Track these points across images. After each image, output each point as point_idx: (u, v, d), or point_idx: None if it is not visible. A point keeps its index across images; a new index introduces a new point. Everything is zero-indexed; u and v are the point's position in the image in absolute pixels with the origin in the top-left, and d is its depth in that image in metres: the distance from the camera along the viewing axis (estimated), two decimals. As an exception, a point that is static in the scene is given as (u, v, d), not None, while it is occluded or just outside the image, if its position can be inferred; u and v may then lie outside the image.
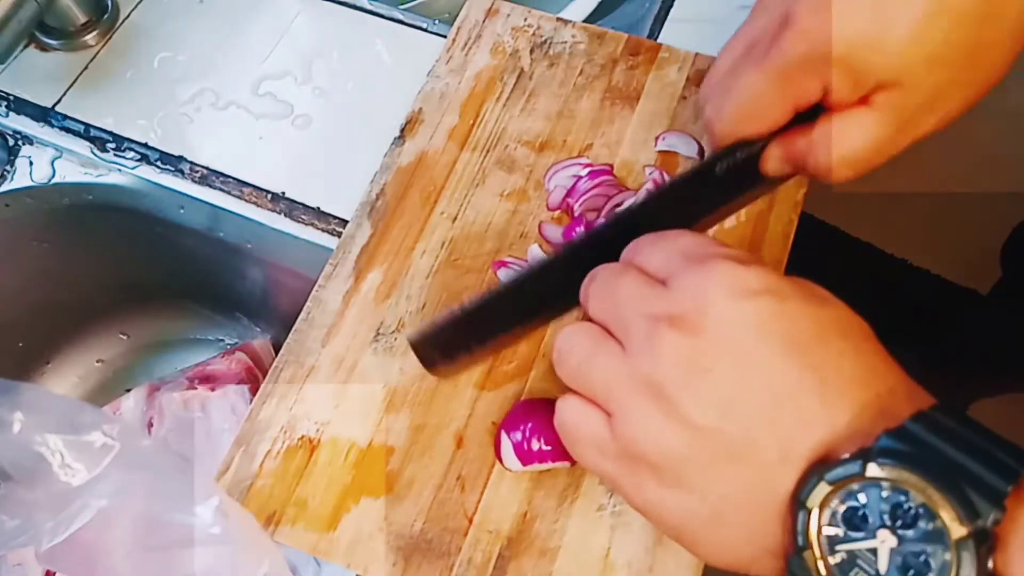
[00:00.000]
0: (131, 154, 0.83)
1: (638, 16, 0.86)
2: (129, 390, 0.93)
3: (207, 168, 0.82)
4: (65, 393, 1.01)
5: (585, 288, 0.53)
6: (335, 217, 0.79)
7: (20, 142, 0.86)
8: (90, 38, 0.89)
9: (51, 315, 0.99)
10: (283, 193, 0.80)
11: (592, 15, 0.87)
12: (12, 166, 0.85)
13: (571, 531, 0.62)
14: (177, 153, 0.83)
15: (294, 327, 0.70)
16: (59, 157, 0.85)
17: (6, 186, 0.84)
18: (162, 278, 0.99)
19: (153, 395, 0.91)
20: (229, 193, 0.81)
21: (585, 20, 0.86)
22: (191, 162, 0.82)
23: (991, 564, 0.39)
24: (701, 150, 0.74)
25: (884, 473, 0.40)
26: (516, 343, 0.67)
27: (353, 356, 0.69)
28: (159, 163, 0.83)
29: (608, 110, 0.77)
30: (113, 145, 0.83)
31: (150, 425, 0.90)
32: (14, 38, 0.80)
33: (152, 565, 0.65)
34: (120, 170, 0.83)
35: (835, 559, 0.42)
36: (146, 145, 0.83)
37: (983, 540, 0.39)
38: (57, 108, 0.85)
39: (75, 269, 0.96)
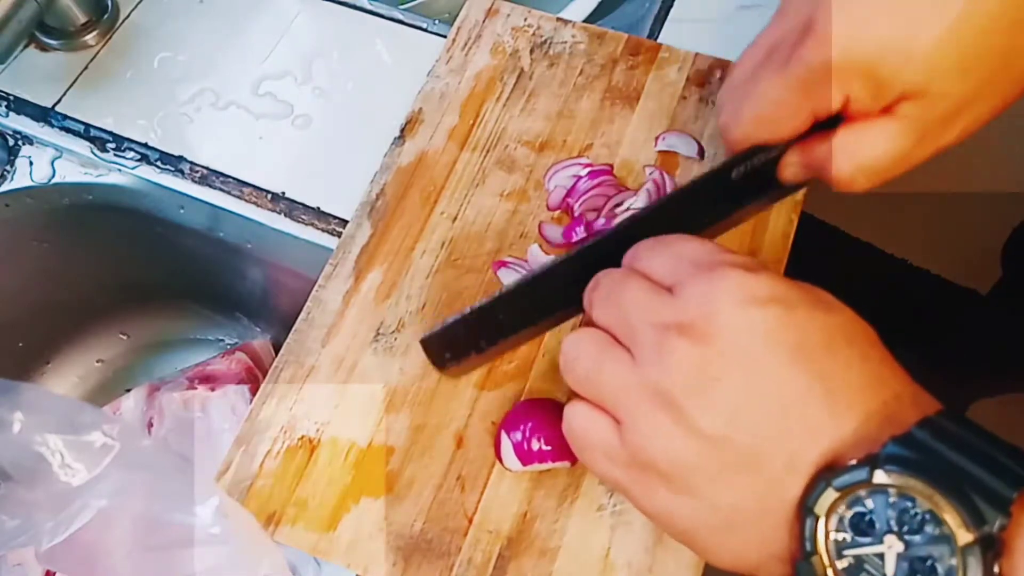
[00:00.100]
0: (131, 154, 0.83)
1: (638, 16, 0.86)
2: (129, 390, 0.93)
3: (207, 168, 0.82)
4: (65, 393, 1.01)
5: (589, 294, 0.53)
6: (335, 217, 0.79)
7: (20, 142, 0.86)
8: (90, 38, 0.89)
9: (51, 315, 0.99)
10: (283, 193, 0.80)
11: (592, 15, 0.87)
12: (12, 166, 0.85)
13: (571, 531, 0.62)
14: (177, 153, 0.83)
15: (294, 327, 0.70)
16: (59, 157, 0.85)
17: (6, 186, 0.84)
18: (162, 278, 0.99)
19: (153, 395, 0.91)
20: (229, 193, 0.81)
21: (585, 20, 0.86)
22: (191, 162, 0.82)
23: (997, 569, 0.39)
24: (701, 150, 0.74)
25: (891, 480, 0.41)
26: (525, 343, 0.67)
27: (353, 356, 0.69)
28: (159, 163, 0.83)
29: (608, 110, 0.77)
30: (113, 145, 0.83)
31: (150, 425, 0.90)
32: (14, 38, 0.80)
33: (152, 565, 0.66)
34: (120, 170, 0.83)
35: (842, 564, 0.42)
36: (146, 145, 0.83)
37: (989, 546, 0.39)
38: (57, 108, 0.85)
39: (75, 269, 0.96)
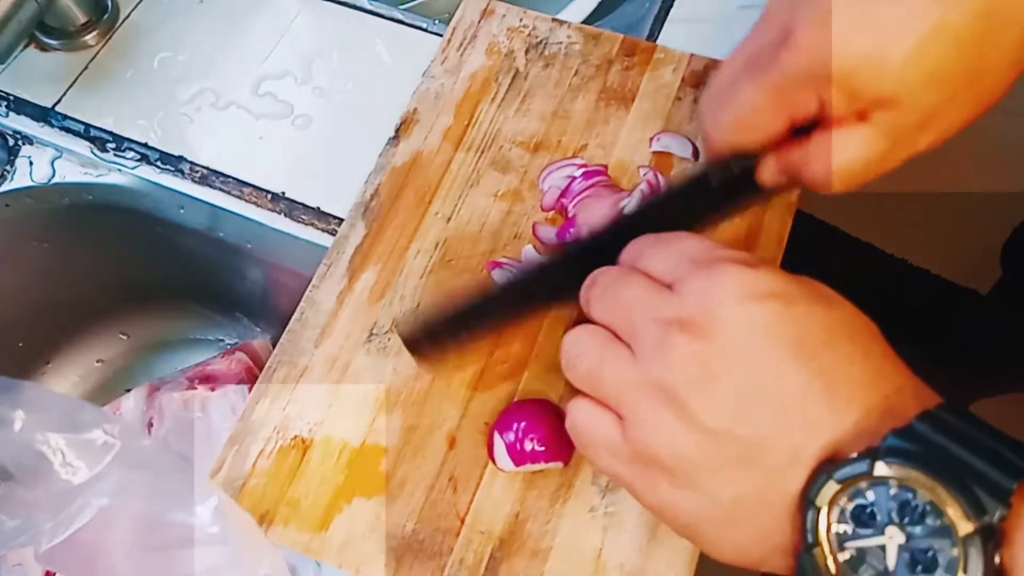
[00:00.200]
0: (131, 154, 0.83)
1: (638, 16, 0.86)
2: (129, 390, 0.93)
3: (207, 168, 0.82)
4: (65, 393, 1.01)
5: (586, 291, 0.54)
6: (335, 217, 0.79)
7: (20, 142, 0.86)
8: (90, 38, 0.89)
9: (51, 315, 0.99)
10: (283, 193, 0.81)
11: (592, 15, 0.87)
12: (12, 166, 0.85)
13: (563, 532, 0.62)
14: (177, 153, 0.83)
15: (288, 327, 0.70)
16: (59, 157, 0.86)
17: (6, 186, 0.85)
18: (162, 278, 1.00)
19: (153, 395, 0.92)
20: (229, 193, 0.81)
21: (584, 20, 0.86)
22: (191, 162, 0.83)
23: (998, 559, 0.39)
24: (696, 151, 0.74)
25: (891, 472, 0.41)
26: (504, 333, 0.67)
27: (346, 356, 0.69)
28: (159, 163, 0.83)
29: (603, 111, 0.77)
30: (113, 145, 0.84)
31: (150, 425, 0.90)
32: (14, 38, 0.81)
33: (152, 565, 0.66)
34: (120, 170, 0.84)
35: (844, 556, 0.42)
36: (146, 145, 0.84)
37: (990, 536, 0.39)
38: (57, 108, 0.86)
39: (75, 269, 0.96)
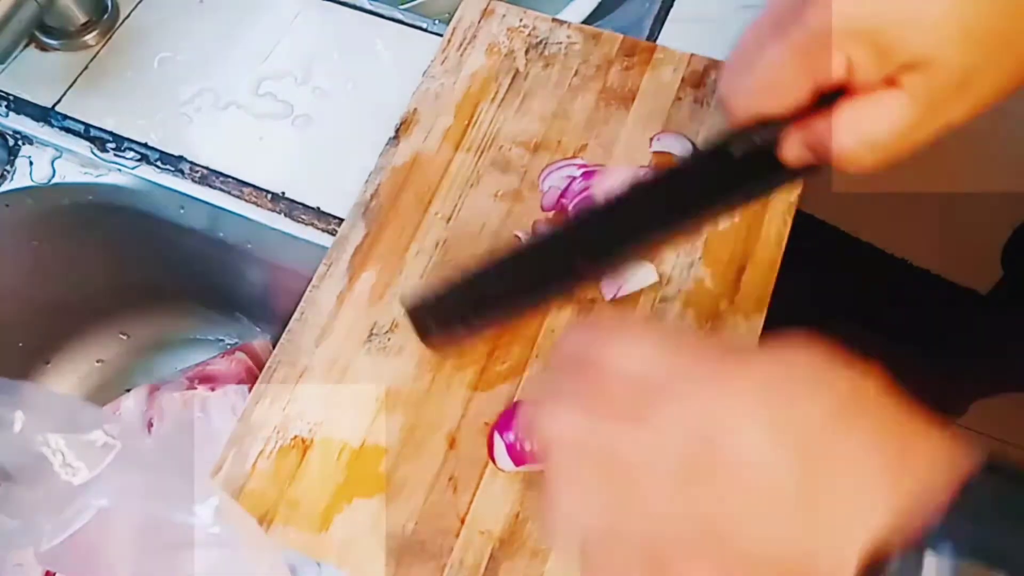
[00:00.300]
0: (131, 154, 0.83)
1: (638, 16, 0.86)
2: (129, 390, 0.93)
3: (207, 168, 0.82)
4: (65, 393, 1.01)
5: (541, 417, 0.48)
6: (335, 217, 0.79)
7: (20, 142, 0.86)
8: (90, 38, 0.89)
9: (51, 315, 0.99)
10: (283, 193, 0.81)
11: (591, 15, 0.87)
12: (12, 166, 0.85)
13: (563, 533, 0.62)
14: (177, 153, 0.83)
15: (287, 327, 0.70)
16: (59, 157, 0.86)
17: (6, 186, 0.85)
18: (162, 278, 1.00)
19: (153, 395, 0.92)
20: (229, 193, 0.81)
21: (584, 20, 0.86)
22: (191, 162, 0.83)
23: None
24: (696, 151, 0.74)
25: (942, 569, 0.38)
26: (514, 321, 0.66)
27: (346, 356, 0.69)
28: (159, 163, 0.83)
29: (603, 111, 0.77)
30: (113, 145, 0.84)
31: (150, 425, 0.90)
32: (14, 38, 0.81)
33: (152, 565, 0.66)
34: (120, 170, 0.84)
35: None
36: (146, 145, 0.84)
37: None
38: (57, 108, 0.86)
39: (75, 269, 0.96)
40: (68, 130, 0.85)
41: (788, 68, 0.51)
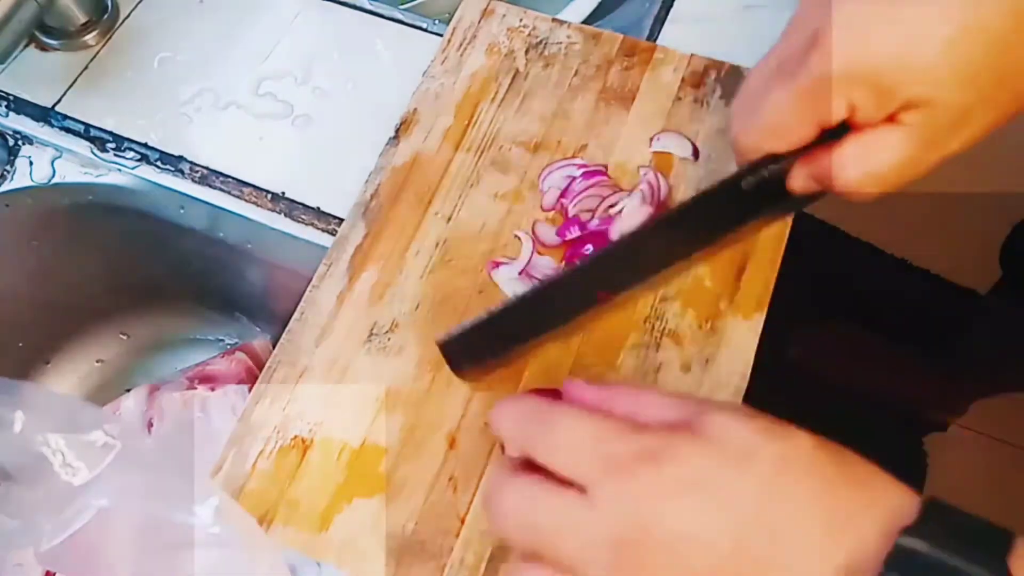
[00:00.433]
0: (131, 154, 0.83)
1: (638, 16, 0.86)
2: (129, 390, 0.93)
3: (207, 168, 0.82)
4: (65, 393, 1.01)
5: (493, 502, 0.49)
6: (335, 217, 0.79)
7: (20, 142, 0.86)
8: (90, 38, 0.89)
9: (51, 315, 0.99)
10: (283, 193, 0.80)
11: (591, 15, 0.87)
12: (12, 166, 0.85)
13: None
14: (177, 153, 0.83)
15: (287, 327, 0.70)
16: (59, 157, 0.86)
17: (6, 186, 0.85)
18: (162, 278, 1.00)
19: (153, 395, 0.92)
20: (229, 193, 0.81)
21: (585, 20, 0.86)
22: (191, 162, 0.83)
23: None
24: (695, 151, 0.74)
25: None
26: (543, 344, 0.67)
27: (346, 356, 0.69)
28: (159, 163, 0.83)
29: (603, 111, 0.77)
30: (113, 145, 0.84)
31: (150, 425, 0.90)
32: (14, 38, 0.81)
33: (152, 565, 0.66)
34: (120, 170, 0.84)
35: None
36: (146, 145, 0.84)
37: None
38: (57, 108, 0.86)
39: (75, 269, 0.96)
40: (68, 130, 0.85)
41: (794, 111, 0.54)
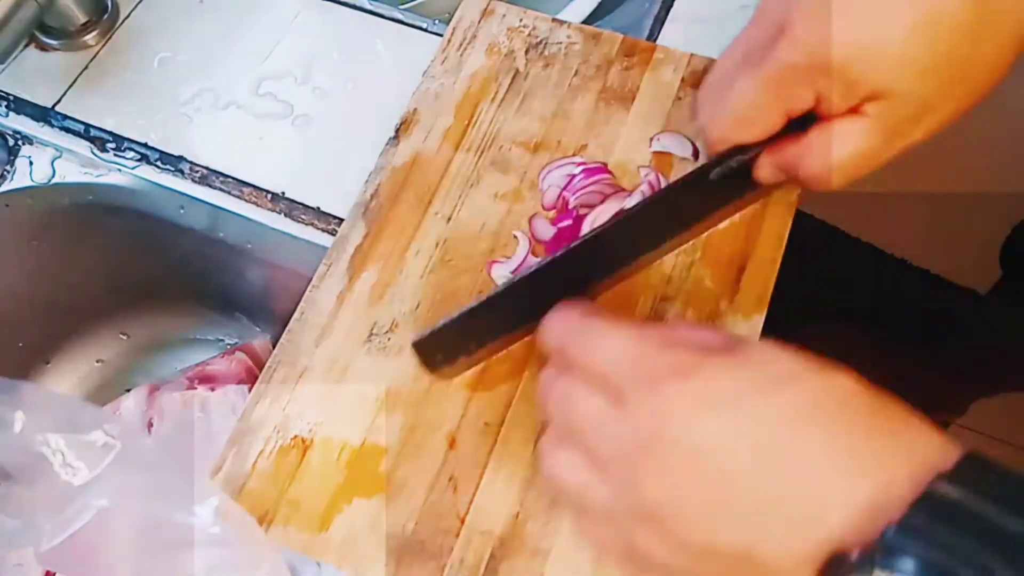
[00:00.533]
0: (131, 154, 0.83)
1: (638, 16, 0.86)
2: (129, 390, 0.93)
3: (207, 168, 0.82)
4: (65, 393, 1.01)
5: (542, 390, 0.53)
6: (335, 217, 0.79)
7: (20, 142, 0.86)
8: (90, 38, 0.89)
9: (51, 315, 0.99)
10: (283, 193, 0.81)
11: (591, 15, 0.87)
12: (12, 166, 0.85)
13: (563, 532, 0.62)
14: (177, 153, 0.83)
15: (287, 327, 0.70)
16: (59, 157, 0.86)
17: (6, 186, 0.85)
18: (162, 278, 1.00)
19: (153, 395, 0.92)
20: (229, 193, 0.81)
21: (584, 20, 0.86)
22: (191, 162, 0.83)
23: None
24: (696, 151, 0.74)
25: None
26: (516, 343, 0.67)
27: (346, 356, 0.69)
28: (159, 163, 0.83)
29: (603, 111, 0.77)
30: (113, 145, 0.84)
31: (150, 425, 0.90)
32: (14, 38, 0.81)
33: (152, 565, 0.66)
34: (120, 170, 0.84)
35: None
36: (146, 145, 0.84)
37: None
38: (57, 108, 0.86)
39: (75, 269, 0.96)
40: (68, 130, 0.85)
41: (762, 101, 0.55)
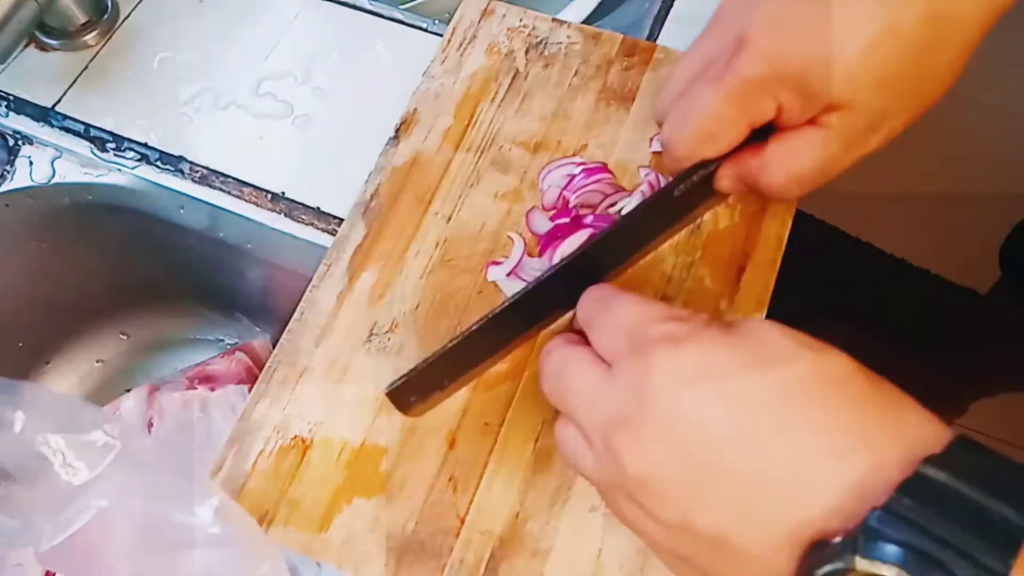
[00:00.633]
0: (131, 154, 0.83)
1: (638, 16, 0.86)
2: (129, 390, 0.93)
3: (207, 168, 0.82)
4: (65, 393, 1.01)
5: (542, 363, 0.54)
6: (335, 217, 0.79)
7: (20, 142, 0.86)
8: (90, 38, 0.89)
9: (51, 315, 0.99)
10: (283, 193, 0.81)
11: (591, 15, 0.87)
12: (12, 166, 0.85)
13: (563, 532, 0.62)
14: (177, 153, 0.83)
15: (287, 327, 0.70)
16: (59, 157, 0.86)
17: (6, 186, 0.85)
18: (162, 278, 1.00)
19: (153, 395, 0.92)
20: (229, 193, 0.81)
21: (584, 20, 0.86)
22: (191, 162, 0.83)
23: None
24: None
25: (874, 569, 0.37)
26: (489, 369, 0.67)
27: (346, 356, 0.69)
28: (159, 163, 0.83)
29: (603, 111, 0.77)
30: (113, 145, 0.84)
31: (150, 425, 0.90)
32: (14, 38, 0.81)
33: (152, 565, 0.66)
34: (120, 170, 0.84)
35: None
36: (146, 145, 0.84)
37: None
38: (57, 108, 0.86)
39: (75, 269, 0.96)
40: (68, 130, 0.85)
41: (726, 114, 0.55)
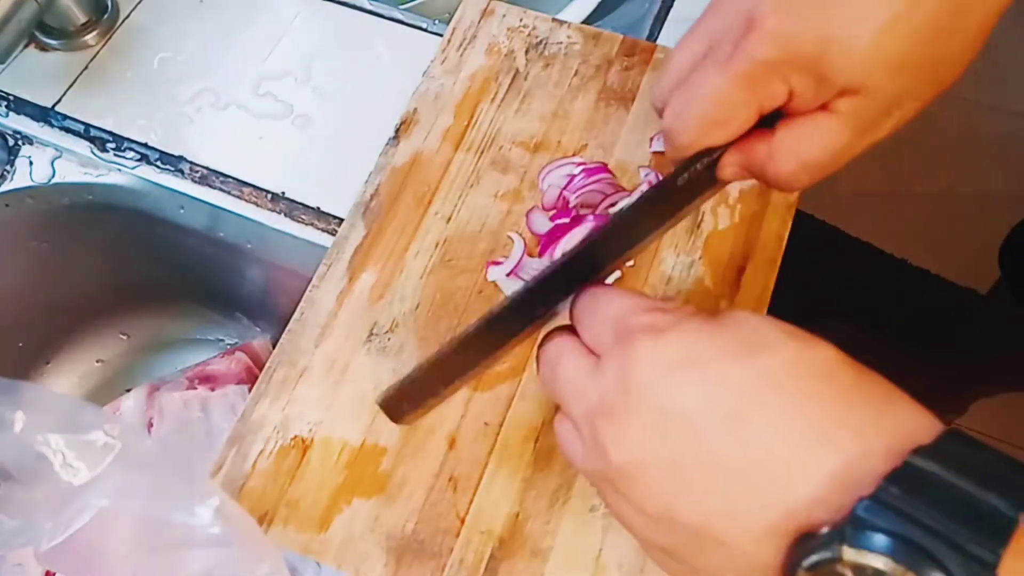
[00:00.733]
0: (131, 154, 0.83)
1: (638, 16, 0.86)
2: (129, 390, 0.93)
3: (207, 168, 0.82)
4: (65, 393, 1.01)
5: (539, 353, 0.54)
6: (335, 217, 0.79)
7: (20, 142, 0.86)
8: (90, 38, 0.89)
9: (51, 315, 0.99)
10: (283, 193, 0.81)
11: (591, 15, 0.87)
12: (12, 166, 0.85)
13: (563, 532, 0.62)
14: (177, 153, 0.83)
15: (287, 327, 0.70)
16: (59, 157, 0.86)
17: (6, 186, 0.85)
18: (162, 278, 1.00)
19: (153, 395, 0.92)
20: (229, 193, 0.81)
21: (585, 20, 0.86)
22: (191, 162, 0.83)
23: None
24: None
25: (861, 559, 0.36)
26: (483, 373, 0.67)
27: (346, 356, 0.69)
28: (159, 163, 0.83)
29: (603, 111, 0.77)
30: (113, 145, 0.84)
31: (150, 425, 0.90)
32: (14, 38, 0.81)
33: (152, 565, 0.66)
34: (120, 170, 0.84)
35: None
36: (146, 145, 0.84)
37: None
38: (57, 108, 0.86)
39: (75, 269, 0.96)
40: (68, 130, 0.85)
41: (736, 99, 0.52)
